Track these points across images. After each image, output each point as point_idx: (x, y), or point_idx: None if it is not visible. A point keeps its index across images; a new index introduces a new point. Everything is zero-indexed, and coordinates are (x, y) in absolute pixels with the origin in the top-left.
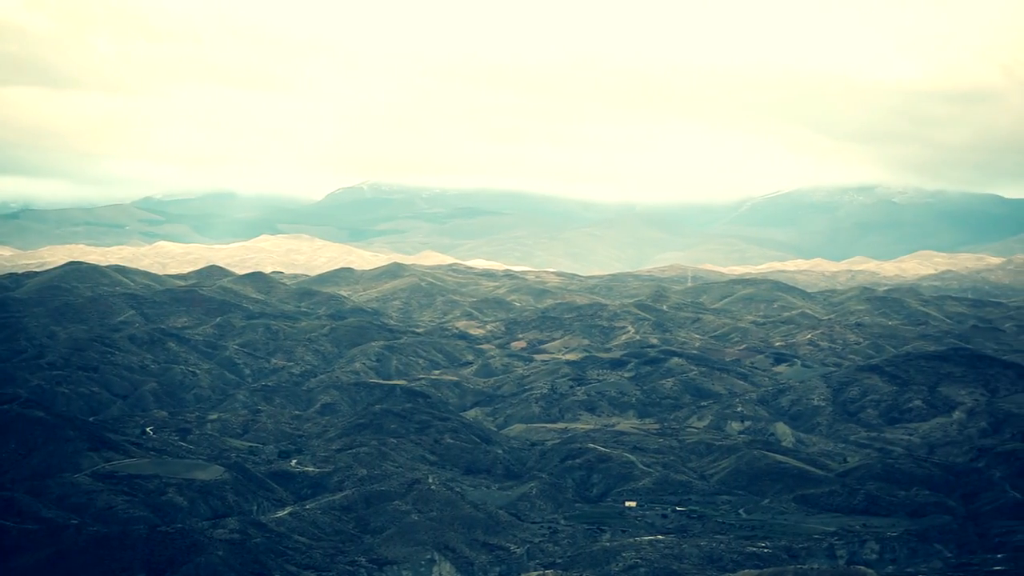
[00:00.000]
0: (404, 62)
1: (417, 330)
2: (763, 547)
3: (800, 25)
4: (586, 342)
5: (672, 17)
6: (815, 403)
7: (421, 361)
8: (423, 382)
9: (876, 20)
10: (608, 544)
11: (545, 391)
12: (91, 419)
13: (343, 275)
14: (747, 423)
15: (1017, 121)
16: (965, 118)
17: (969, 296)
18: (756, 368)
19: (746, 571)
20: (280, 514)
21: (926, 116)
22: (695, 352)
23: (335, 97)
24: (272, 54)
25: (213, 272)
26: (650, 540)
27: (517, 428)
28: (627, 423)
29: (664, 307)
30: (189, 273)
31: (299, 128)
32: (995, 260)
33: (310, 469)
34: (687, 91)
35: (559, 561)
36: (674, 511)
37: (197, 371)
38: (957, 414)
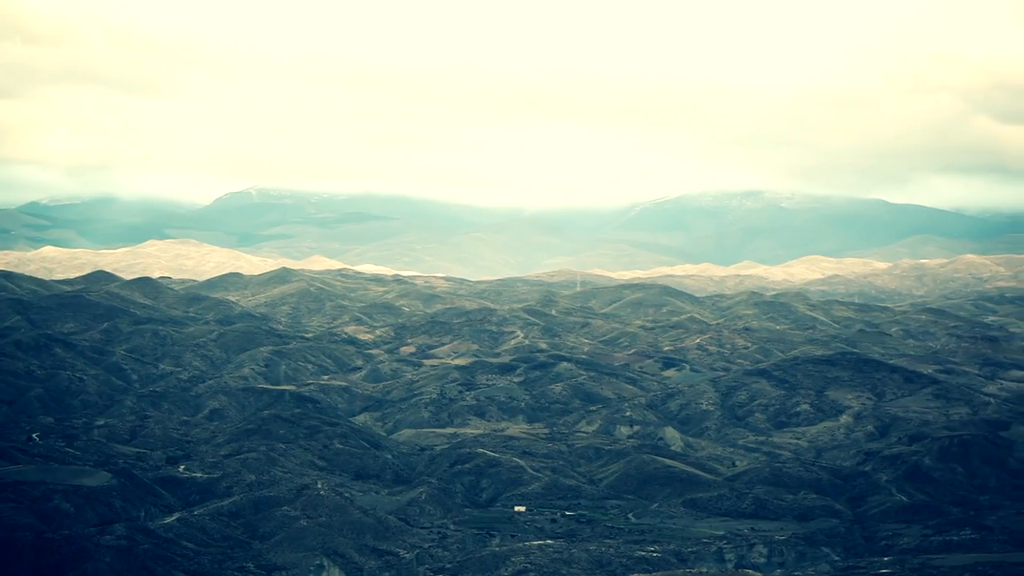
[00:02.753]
0: (287, 66)
1: (306, 335)
2: (652, 551)
3: (683, 31)
4: (475, 347)
5: (555, 22)
6: (704, 407)
7: (310, 366)
8: (312, 387)
9: (757, 26)
10: (497, 549)
11: (434, 396)
12: None
13: (231, 280)
14: (636, 427)
15: (898, 127)
16: (847, 124)
17: (856, 300)
18: (645, 372)
19: (635, 575)
20: (168, 520)
21: (809, 121)
22: (584, 357)
23: (219, 102)
24: (154, 58)
25: (100, 277)
26: (539, 545)
27: (406, 433)
28: (516, 428)
29: (553, 312)
30: (76, 278)
31: (184, 133)
32: (881, 265)
33: (198, 475)
34: (571, 96)
35: (448, 566)
36: (563, 516)
37: (84, 377)
38: (844, 418)
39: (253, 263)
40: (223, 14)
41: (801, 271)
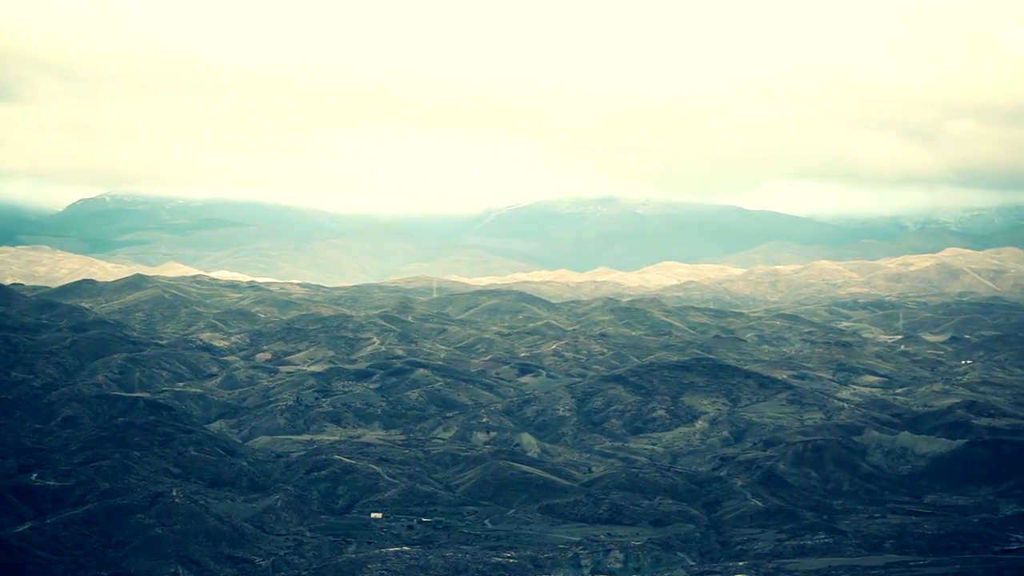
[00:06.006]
0: (135, 70)
1: (160, 342)
2: (509, 557)
3: (534, 37)
4: (331, 353)
5: (409, 27)
6: (560, 413)
7: (165, 373)
8: (167, 394)
9: (607, 33)
10: (354, 556)
11: (290, 403)
12: None
13: (85, 287)
14: (492, 434)
15: (748, 133)
16: (698, 130)
17: (711, 307)
18: (501, 379)
19: None
20: (20, 529)
21: (661, 128)
22: (440, 363)
23: (68, 107)
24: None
25: None
26: (396, 551)
27: (262, 440)
28: (373, 434)
29: (409, 318)
30: None
31: (33, 138)
32: (736, 271)
33: (51, 483)
34: (426, 102)
35: (305, 573)
36: (420, 522)
37: None
38: (700, 423)
39: (107, 270)
40: (70, 17)
41: (657, 277)
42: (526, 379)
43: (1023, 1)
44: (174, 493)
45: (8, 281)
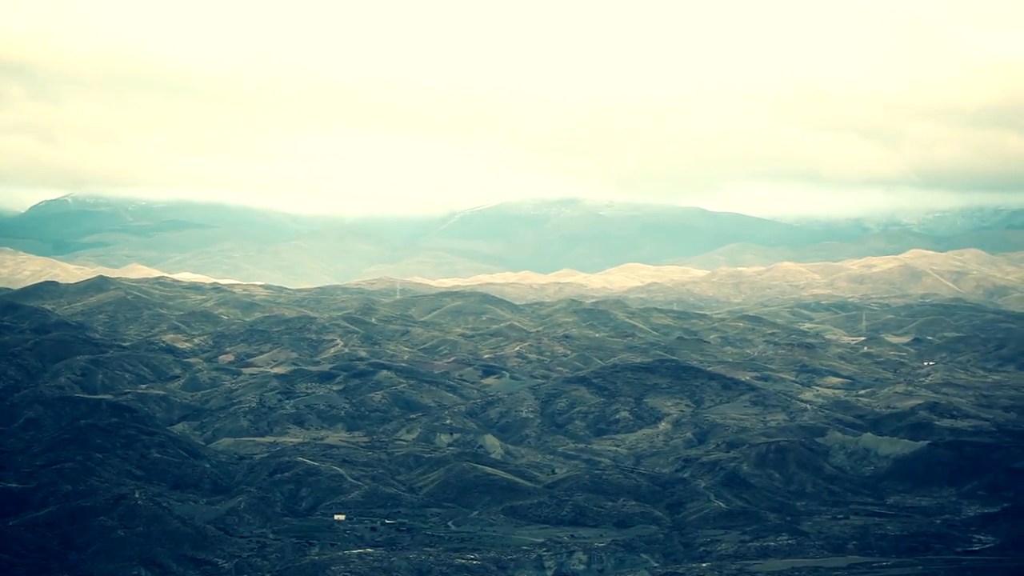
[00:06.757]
0: (97, 72)
1: (123, 344)
2: (472, 559)
3: (493, 40)
4: (295, 355)
5: (371, 29)
6: (524, 415)
7: (127, 375)
8: (129, 396)
9: (569, 34)
10: (317, 558)
11: (253, 404)
12: None
13: (47, 289)
14: (456, 435)
15: (711, 134)
16: (661, 131)
17: (674, 308)
18: (465, 380)
19: None
20: None
21: (624, 129)
22: (404, 365)
23: (27, 109)
24: None
25: None
26: (359, 553)
27: (225, 442)
28: (336, 436)
29: (373, 320)
30: None
31: None
32: (699, 272)
33: (13, 485)
34: (388, 104)
35: (268, 575)
36: (383, 524)
37: None
38: (663, 425)
39: (70, 271)
40: (29, 18)
41: (620, 279)
42: (490, 381)
43: (985, 4)
44: (137, 495)
45: None
